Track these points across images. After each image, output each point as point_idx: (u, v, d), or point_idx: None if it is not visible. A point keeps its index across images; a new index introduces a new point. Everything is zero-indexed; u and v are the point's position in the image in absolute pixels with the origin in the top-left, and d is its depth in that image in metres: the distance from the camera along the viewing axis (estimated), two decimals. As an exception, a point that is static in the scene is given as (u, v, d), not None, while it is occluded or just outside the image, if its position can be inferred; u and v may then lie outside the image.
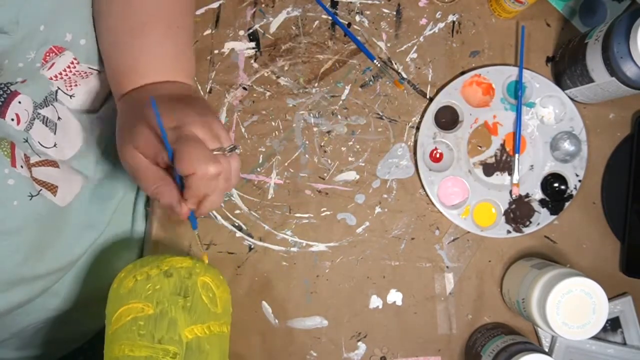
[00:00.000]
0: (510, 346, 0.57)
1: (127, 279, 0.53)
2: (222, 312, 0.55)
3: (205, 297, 0.53)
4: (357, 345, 0.65)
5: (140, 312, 0.51)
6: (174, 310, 0.51)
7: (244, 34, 0.67)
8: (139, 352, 0.49)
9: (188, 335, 0.50)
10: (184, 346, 0.50)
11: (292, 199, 0.66)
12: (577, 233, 0.65)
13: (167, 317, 0.50)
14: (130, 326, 0.50)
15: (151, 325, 0.50)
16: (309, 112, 0.66)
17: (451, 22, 0.66)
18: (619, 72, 0.55)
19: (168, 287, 0.52)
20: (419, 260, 0.65)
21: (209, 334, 0.52)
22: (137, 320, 0.50)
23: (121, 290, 0.53)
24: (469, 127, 0.65)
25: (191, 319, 0.51)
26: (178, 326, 0.50)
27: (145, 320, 0.50)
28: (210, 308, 0.53)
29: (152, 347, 0.49)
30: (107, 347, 0.52)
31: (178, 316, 0.50)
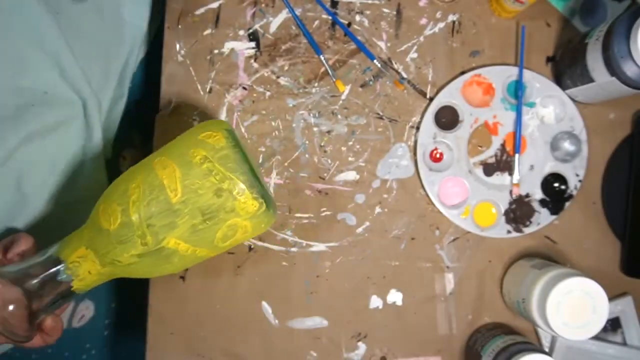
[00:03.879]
0: (510, 346, 0.57)
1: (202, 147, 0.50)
2: (224, 246, 0.53)
3: (221, 232, 0.51)
4: (357, 345, 0.65)
5: (171, 190, 0.49)
6: (183, 219, 0.49)
7: (244, 34, 0.67)
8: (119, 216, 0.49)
9: (169, 243, 0.49)
10: (155, 246, 0.49)
11: (292, 199, 0.66)
12: (577, 233, 0.65)
13: (174, 217, 0.49)
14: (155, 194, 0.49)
15: (161, 206, 0.49)
16: (309, 112, 0.66)
17: (451, 22, 0.66)
18: (619, 72, 0.55)
19: (203, 199, 0.49)
20: (419, 260, 0.65)
21: (188, 254, 0.51)
22: (156, 194, 0.49)
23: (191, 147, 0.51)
24: (469, 127, 0.65)
25: (188, 237, 0.49)
26: (172, 230, 0.49)
27: (160, 198, 0.49)
28: (217, 242, 0.51)
29: (138, 226, 0.48)
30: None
31: (181, 225, 0.49)
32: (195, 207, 0.49)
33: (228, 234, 0.51)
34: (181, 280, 0.65)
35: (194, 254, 0.51)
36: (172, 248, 0.49)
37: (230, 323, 0.65)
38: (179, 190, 0.49)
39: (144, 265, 0.50)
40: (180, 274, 0.65)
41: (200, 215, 0.49)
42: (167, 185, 0.49)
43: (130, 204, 0.49)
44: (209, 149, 0.50)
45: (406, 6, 0.66)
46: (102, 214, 0.50)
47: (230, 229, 0.51)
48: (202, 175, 0.49)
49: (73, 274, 0.49)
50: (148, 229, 0.48)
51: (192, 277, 0.65)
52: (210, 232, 0.50)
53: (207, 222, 0.49)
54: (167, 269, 0.51)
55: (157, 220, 0.48)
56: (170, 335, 0.65)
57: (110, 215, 0.49)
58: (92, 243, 0.50)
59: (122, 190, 0.50)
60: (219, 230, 0.50)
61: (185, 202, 0.49)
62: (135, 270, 0.51)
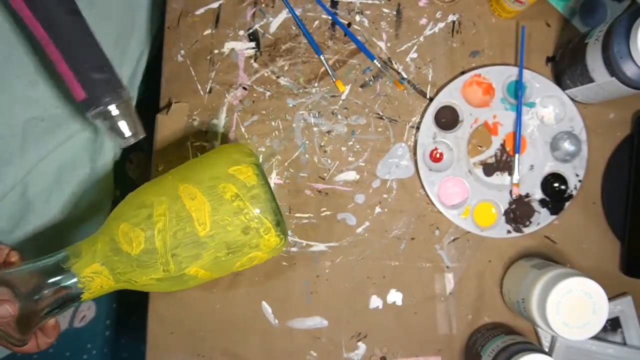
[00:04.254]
0: (510, 346, 0.57)
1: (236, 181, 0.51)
2: (237, 270, 0.54)
3: (240, 263, 0.52)
4: (357, 345, 0.65)
5: (200, 223, 0.50)
6: (209, 252, 0.50)
7: (244, 34, 0.67)
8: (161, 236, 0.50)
9: (190, 271, 0.50)
10: (177, 273, 0.50)
11: (292, 199, 0.66)
12: (577, 233, 0.65)
13: (200, 250, 0.50)
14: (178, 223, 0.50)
15: (188, 238, 0.50)
16: (309, 112, 0.66)
17: (451, 22, 0.66)
18: (619, 72, 0.55)
19: (231, 235, 0.50)
20: (419, 260, 0.65)
21: (204, 279, 0.53)
22: (193, 221, 0.50)
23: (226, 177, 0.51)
24: (469, 127, 0.65)
25: (209, 267, 0.51)
26: (196, 261, 0.50)
27: (187, 230, 0.50)
28: (233, 269, 0.53)
29: (162, 254, 0.49)
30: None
31: (205, 257, 0.50)
32: (222, 242, 0.50)
33: (245, 264, 0.53)
34: (181, 280, 0.65)
35: (209, 278, 0.53)
36: (192, 275, 0.51)
37: (230, 323, 0.65)
38: (207, 225, 0.50)
39: (159, 287, 0.51)
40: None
41: (225, 249, 0.50)
42: (195, 218, 0.49)
43: (156, 232, 0.49)
44: (239, 186, 0.50)
45: (406, 6, 0.66)
46: (122, 235, 0.50)
47: (249, 260, 0.52)
48: (233, 213, 0.50)
49: (84, 287, 0.50)
50: (172, 258, 0.49)
51: (192, 277, 0.65)
52: (230, 262, 0.52)
53: (230, 255, 0.51)
54: (179, 288, 0.53)
55: (182, 251, 0.49)
56: (170, 335, 0.65)
57: (133, 239, 0.49)
58: (109, 261, 0.50)
59: (145, 215, 0.50)
60: (238, 261, 0.52)
61: (213, 237, 0.50)
62: (149, 289, 0.52)
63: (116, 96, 0.52)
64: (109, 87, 0.52)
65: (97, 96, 0.51)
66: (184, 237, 0.49)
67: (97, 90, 0.51)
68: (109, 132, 0.53)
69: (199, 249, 0.49)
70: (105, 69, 0.53)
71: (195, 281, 0.52)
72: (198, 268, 0.50)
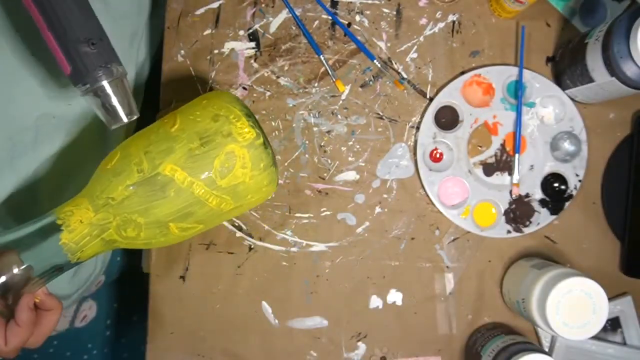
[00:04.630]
0: (510, 346, 0.57)
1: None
2: (225, 188, 0.50)
3: (219, 161, 0.49)
4: (357, 345, 0.65)
5: (169, 122, 0.51)
6: (181, 144, 0.49)
7: (244, 34, 0.67)
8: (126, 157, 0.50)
9: (165, 169, 0.48)
10: (151, 172, 0.48)
11: (292, 199, 0.66)
12: (577, 233, 0.65)
13: (171, 142, 0.49)
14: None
15: (160, 137, 0.50)
16: (309, 112, 0.66)
17: (451, 22, 0.66)
18: (619, 72, 0.55)
19: (201, 125, 0.50)
20: (419, 260, 0.65)
21: (184, 187, 0.49)
22: (161, 126, 0.51)
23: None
24: (469, 127, 0.65)
25: (184, 163, 0.49)
26: (168, 155, 0.49)
27: (161, 129, 0.51)
28: (215, 176, 0.49)
29: (136, 154, 0.49)
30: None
31: (178, 150, 0.49)
32: (193, 132, 0.50)
33: (226, 165, 0.49)
34: (181, 280, 0.66)
35: (191, 189, 0.49)
36: (168, 175, 0.48)
37: (230, 323, 0.65)
38: (177, 121, 0.51)
39: (138, 200, 0.48)
40: (181, 274, 0.65)
41: (198, 139, 0.49)
42: (166, 122, 0.51)
43: (129, 140, 0.51)
44: (211, 96, 0.53)
45: (406, 6, 0.66)
46: (103, 163, 0.51)
47: (227, 159, 0.49)
48: (201, 108, 0.51)
49: (64, 224, 0.47)
50: (145, 155, 0.49)
51: (192, 277, 0.65)
52: (207, 159, 0.49)
53: (204, 147, 0.49)
54: (163, 209, 0.49)
55: (154, 147, 0.49)
56: (170, 335, 0.65)
57: (112, 157, 0.50)
58: (88, 190, 0.50)
59: (124, 145, 0.52)
60: (216, 157, 0.49)
61: (183, 129, 0.50)
62: (129, 209, 0.48)
63: (107, 72, 0.48)
64: (99, 61, 0.48)
65: (85, 71, 0.47)
66: (156, 136, 0.50)
67: (85, 65, 0.47)
68: (99, 111, 0.50)
69: (171, 142, 0.49)
70: (96, 41, 0.48)
71: (175, 191, 0.48)
72: (173, 165, 0.48)
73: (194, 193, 0.49)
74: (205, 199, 0.50)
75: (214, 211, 0.51)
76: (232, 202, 0.51)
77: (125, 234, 0.49)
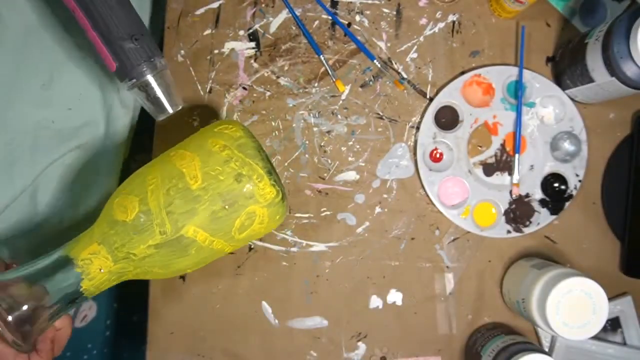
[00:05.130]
0: (510, 346, 0.57)
1: (218, 142, 0.51)
2: (241, 240, 0.52)
3: (240, 221, 0.50)
4: (357, 345, 0.65)
5: (191, 177, 0.49)
6: (204, 206, 0.48)
7: (244, 34, 0.67)
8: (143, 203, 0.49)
9: (188, 232, 0.48)
10: (175, 234, 0.48)
11: (292, 199, 0.66)
12: (577, 233, 0.65)
13: (194, 204, 0.48)
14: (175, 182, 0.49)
15: (181, 193, 0.48)
16: (309, 112, 0.66)
17: (451, 22, 0.66)
18: (619, 72, 0.55)
19: (224, 185, 0.49)
20: (419, 260, 0.65)
21: (205, 245, 0.50)
22: (184, 177, 0.49)
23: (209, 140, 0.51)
24: (469, 127, 0.65)
25: (207, 225, 0.49)
26: (192, 217, 0.48)
27: (179, 186, 0.49)
28: (234, 233, 0.50)
29: (157, 214, 0.48)
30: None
31: (201, 212, 0.48)
32: (216, 193, 0.49)
33: (245, 224, 0.50)
34: (181, 280, 0.66)
35: (211, 246, 0.50)
36: (190, 237, 0.49)
37: (230, 323, 0.65)
38: (199, 177, 0.49)
39: (160, 258, 0.49)
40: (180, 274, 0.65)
41: (221, 201, 0.49)
42: (186, 173, 0.49)
43: (149, 193, 0.49)
44: (227, 138, 0.50)
45: (406, 6, 0.66)
46: (116, 207, 0.49)
47: (248, 218, 0.50)
48: (222, 162, 0.49)
49: (83, 272, 0.48)
50: (167, 216, 0.48)
51: (192, 277, 0.65)
52: (229, 220, 0.49)
53: (227, 209, 0.49)
54: (182, 264, 0.50)
55: (176, 208, 0.48)
56: (170, 335, 0.65)
57: (127, 207, 0.48)
58: (105, 238, 0.49)
59: (138, 183, 0.49)
60: (237, 218, 0.50)
61: (206, 189, 0.48)
62: (150, 265, 0.50)
63: (151, 66, 0.50)
64: (142, 56, 0.49)
65: (130, 66, 0.49)
66: (176, 193, 0.48)
67: (130, 60, 0.49)
68: (145, 104, 0.50)
69: (193, 203, 0.48)
70: (139, 37, 0.49)
71: (196, 249, 0.50)
72: (196, 227, 0.49)
73: (214, 248, 0.50)
74: (222, 250, 0.51)
75: (225, 253, 0.52)
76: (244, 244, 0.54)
77: (142, 277, 0.51)
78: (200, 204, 0.48)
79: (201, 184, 0.48)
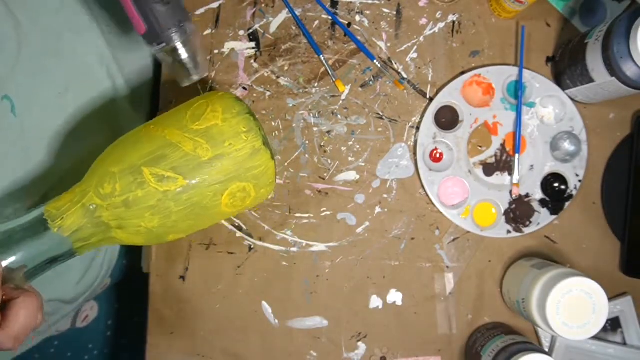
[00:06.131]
0: (510, 346, 0.57)
1: (233, 109, 0.51)
2: (198, 131, 0.50)
3: (191, 112, 0.51)
4: (357, 345, 0.65)
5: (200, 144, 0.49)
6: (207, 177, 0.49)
7: (244, 34, 0.67)
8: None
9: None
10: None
11: (292, 199, 0.66)
12: (577, 233, 0.65)
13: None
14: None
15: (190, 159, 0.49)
16: (309, 112, 0.66)
17: (451, 22, 0.66)
18: (619, 72, 0.55)
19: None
20: (419, 260, 0.65)
21: (157, 134, 0.50)
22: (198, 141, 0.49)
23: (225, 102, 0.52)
24: (469, 127, 0.65)
25: (157, 120, 0.51)
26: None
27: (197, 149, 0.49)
28: (186, 122, 0.50)
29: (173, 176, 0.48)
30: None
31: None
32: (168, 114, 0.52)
33: (197, 113, 0.51)
34: (181, 280, 0.66)
35: (163, 134, 0.50)
36: (141, 129, 0.50)
37: (230, 323, 0.65)
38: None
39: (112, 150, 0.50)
40: (181, 274, 0.65)
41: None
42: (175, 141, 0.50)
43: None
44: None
45: (406, 6, 0.66)
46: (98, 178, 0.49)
47: (199, 107, 0.51)
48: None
49: (54, 210, 0.47)
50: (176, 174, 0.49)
51: (192, 277, 0.66)
52: (180, 113, 0.51)
53: (177, 106, 0.52)
54: (135, 153, 0.49)
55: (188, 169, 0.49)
56: (170, 335, 0.65)
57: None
58: (83, 183, 0.49)
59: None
60: (188, 110, 0.51)
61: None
62: (105, 163, 0.49)
63: (180, 30, 0.49)
64: (173, 20, 0.49)
65: (160, 30, 0.48)
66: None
67: (159, 23, 0.48)
68: (172, 69, 0.50)
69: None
70: (170, 1, 0.49)
71: (148, 136, 0.50)
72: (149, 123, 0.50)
73: (166, 137, 0.49)
74: (178, 142, 0.49)
75: (190, 157, 0.49)
76: (209, 148, 0.50)
77: (103, 191, 0.48)
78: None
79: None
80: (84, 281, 0.75)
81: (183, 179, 0.49)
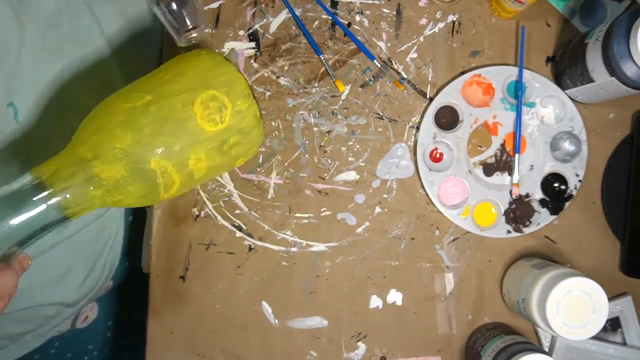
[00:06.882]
0: (510, 346, 0.57)
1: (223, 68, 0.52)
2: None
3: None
4: (357, 345, 0.65)
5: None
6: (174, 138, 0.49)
7: (244, 34, 0.67)
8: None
9: (152, 165, 0.49)
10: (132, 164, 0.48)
11: (292, 199, 0.66)
12: (577, 233, 0.65)
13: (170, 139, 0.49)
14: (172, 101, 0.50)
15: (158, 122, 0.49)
16: (309, 112, 0.66)
17: (451, 22, 0.66)
18: (619, 72, 0.55)
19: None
20: (419, 260, 0.65)
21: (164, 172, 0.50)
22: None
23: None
24: (469, 127, 0.65)
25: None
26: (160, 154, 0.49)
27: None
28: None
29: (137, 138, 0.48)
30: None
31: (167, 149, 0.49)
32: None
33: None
34: (181, 280, 0.66)
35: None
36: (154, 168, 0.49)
37: (230, 323, 0.65)
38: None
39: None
40: (181, 274, 0.65)
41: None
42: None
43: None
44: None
45: (406, 6, 0.66)
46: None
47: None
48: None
49: (40, 171, 0.46)
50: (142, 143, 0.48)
51: (192, 277, 0.66)
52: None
53: None
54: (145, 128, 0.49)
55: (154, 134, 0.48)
56: (170, 335, 0.65)
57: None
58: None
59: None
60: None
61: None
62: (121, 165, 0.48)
63: None
64: None
65: None
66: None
67: None
68: (168, 25, 0.50)
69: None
70: None
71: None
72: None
73: (136, 83, 0.51)
74: (147, 78, 0.51)
75: (155, 79, 0.51)
76: (172, 71, 0.52)
77: (120, 203, 0.50)
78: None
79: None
80: (86, 284, 0.75)
81: (148, 95, 0.50)
